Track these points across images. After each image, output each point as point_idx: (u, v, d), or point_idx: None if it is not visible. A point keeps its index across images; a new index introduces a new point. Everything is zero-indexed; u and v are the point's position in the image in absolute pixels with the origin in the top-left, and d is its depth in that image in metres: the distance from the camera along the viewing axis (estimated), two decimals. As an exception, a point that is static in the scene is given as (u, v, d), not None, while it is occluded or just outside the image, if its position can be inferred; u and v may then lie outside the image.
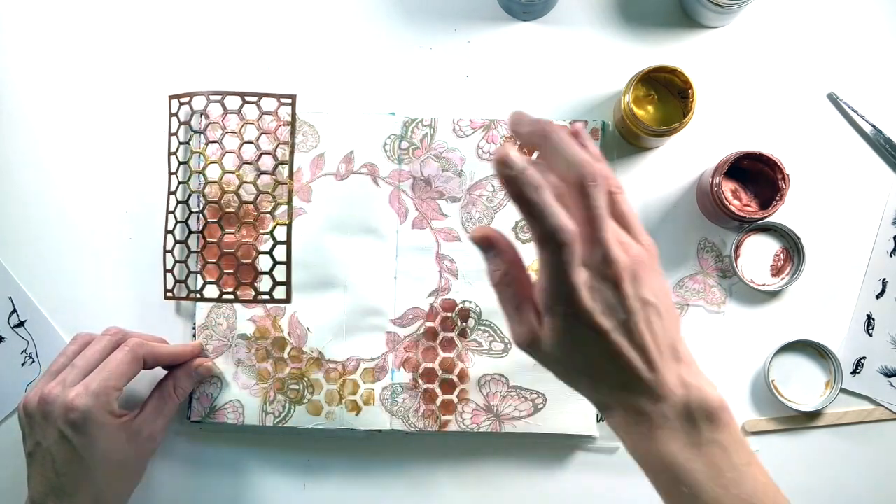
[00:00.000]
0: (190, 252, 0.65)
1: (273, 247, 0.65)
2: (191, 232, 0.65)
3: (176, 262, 0.65)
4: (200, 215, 0.65)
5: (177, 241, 0.66)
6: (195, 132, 0.66)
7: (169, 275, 0.65)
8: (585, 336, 0.44)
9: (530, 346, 0.46)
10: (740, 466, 0.45)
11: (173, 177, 0.66)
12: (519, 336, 0.46)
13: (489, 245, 0.47)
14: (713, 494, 0.44)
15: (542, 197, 0.42)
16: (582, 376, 0.46)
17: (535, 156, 0.47)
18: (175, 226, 0.66)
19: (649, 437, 0.45)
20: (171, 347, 0.63)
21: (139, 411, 0.61)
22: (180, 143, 0.66)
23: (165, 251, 0.65)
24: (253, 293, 0.65)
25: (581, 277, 0.43)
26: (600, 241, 0.43)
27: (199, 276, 0.65)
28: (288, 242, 0.65)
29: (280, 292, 0.65)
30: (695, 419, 0.44)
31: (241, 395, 0.65)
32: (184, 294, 0.65)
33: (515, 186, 0.42)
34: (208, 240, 0.65)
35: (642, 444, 0.45)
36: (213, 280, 0.65)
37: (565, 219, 0.42)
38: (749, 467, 0.45)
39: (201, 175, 0.65)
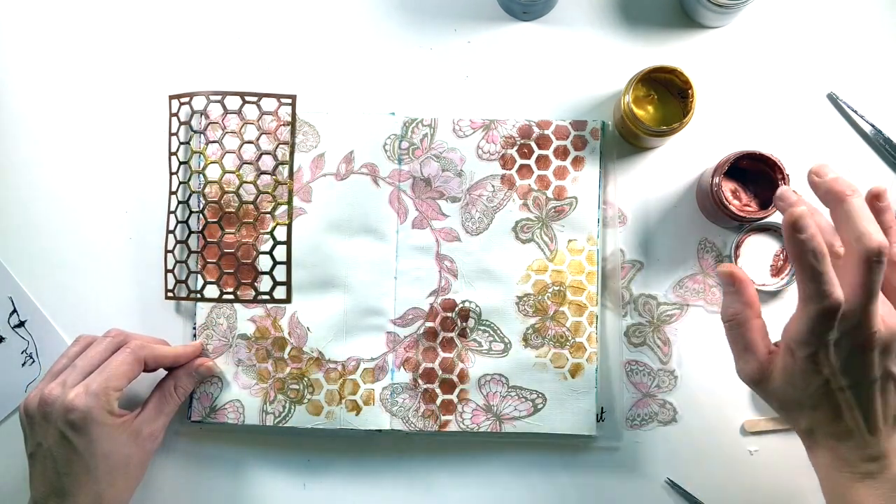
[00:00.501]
0: (190, 252, 0.65)
1: (273, 247, 0.65)
2: (191, 232, 0.65)
3: (177, 262, 0.65)
4: (200, 215, 0.65)
5: (177, 241, 0.66)
6: (195, 132, 0.66)
7: (170, 275, 0.65)
8: (816, 385, 0.48)
9: (757, 383, 0.51)
10: None
11: (174, 177, 0.66)
12: (747, 373, 0.51)
13: (732, 282, 0.51)
14: None
15: (823, 266, 0.45)
16: (803, 412, 0.50)
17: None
18: (176, 226, 0.66)
19: (850, 488, 0.48)
20: (172, 349, 0.63)
21: (140, 411, 0.61)
22: (180, 143, 0.66)
23: (166, 251, 0.65)
24: (253, 293, 0.65)
25: (833, 335, 0.46)
26: (865, 311, 0.46)
27: (199, 276, 0.65)
28: (288, 242, 0.65)
29: (280, 292, 0.65)
30: None
31: (242, 395, 0.65)
32: (184, 294, 0.65)
33: (799, 248, 0.45)
34: (208, 240, 0.65)
35: (840, 490, 0.49)
36: (213, 280, 0.65)
37: (837, 290, 0.45)
38: None
39: (201, 175, 0.65)
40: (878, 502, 0.47)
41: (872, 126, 0.66)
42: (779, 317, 0.65)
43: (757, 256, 0.66)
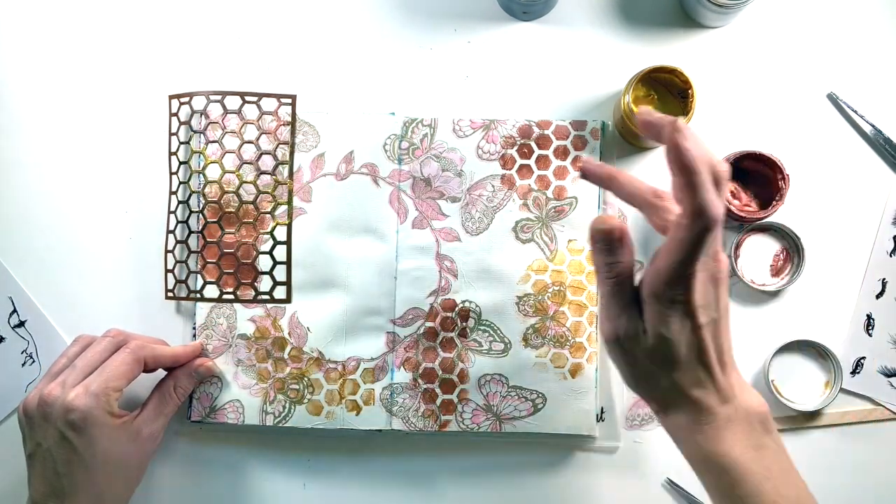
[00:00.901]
0: (190, 252, 0.65)
1: (273, 247, 0.65)
2: (191, 232, 0.65)
3: (176, 262, 0.65)
4: (200, 215, 0.65)
5: (177, 241, 0.66)
6: (195, 132, 0.66)
7: (170, 275, 0.65)
8: (681, 327, 0.46)
9: (631, 340, 0.48)
10: (787, 470, 0.48)
11: (174, 177, 0.66)
12: (625, 330, 0.48)
13: (613, 238, 0.47)
14: (770, 497, 0.47)
15: (705, 172, 0.43)
16: (661, 371, 0.48)
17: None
18: (176, 226, 0.66)
19: (715, 437, 0.48)
20: (171, 349, 0.63)
21: (139, 411, 0.61)
22: (180, 143, 0.66)
23: (167, 251, 0.65)
24: (253, 293, 0.65)
25: (699, 269, 0.45)
26: (717, 239, 0.46)
27: (199, 276, 0.65)
28: (288, 242, 0.65)
29: (280, 292, 0.65)
30: (752, 422, 0.48)
31: (242, 395, 0.65)
32: (184, 294, 0.65)
33: (686, 158, 0.43)
34: (208, 240, 0.65)
35: (706, 445, 0.48)
36: (213, 280, 0.65)
37: (718, 202, 0.43)
38: (790, 473, 0.49)
39: (201, 175, 0.65)
40: (744, 443, 0.47)
41: (872, 126, 0.66)
42: (779, 317, 0.66)
43: (757, 256, 0.66)
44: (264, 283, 0.65)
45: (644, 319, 0.47)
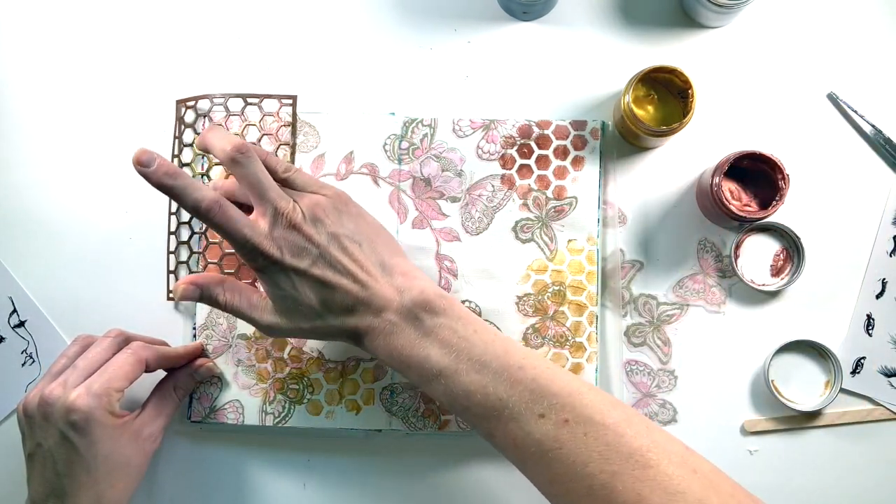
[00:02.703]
0: (192, 253, 0.65)
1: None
2: (193, 233, 0.65)
3: (179, 263, 0.65)
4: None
5: (179, 243, 0.66)
6: (198, 135, 0.66)
7: (171, 276, 0.65)
8: (291, 280, 0.52)
9: (269, 317, 0.54)
10: (468, 336, 0.51)
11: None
12: (263, 320, 0.54)
13: (201, 293, 0.56)
14: (452, 367, 0.50)
15: (179, 180, 0.51)
16: (313, 321, 0.53)
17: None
18: (178, 227, 0.66)
19: (388, 346, 0.52)
20: (173, 350, 0.63)
21: (140, 411, 0.61)
22: (183, 146, 0.66)
23: (168, 252, 0.65)
24: None
25: (258, 230, 0.51)
26: (269, 198, 0.52)
27: None
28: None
29: None
30: (416, 314, 0.52)
31: (241, 395, 0.65)
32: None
33: (153, 180, 0.51)
34: (210, 240, 0.65)
35: (388, 354, 0.52)
36: None
37: (203, 189, 0.51)
38: (477, 334, 0.51)
39: (205, 177, 0.65)
40: (410, 339, 0.51)
41: (872, 126, 0.66)
42: (779, 317, 0.66)
43: (757, 256, 0.66)
44: None
45: (263, 295, 0.54)
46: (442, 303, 0.52)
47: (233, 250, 0.65)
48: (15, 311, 0.67)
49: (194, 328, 0.65)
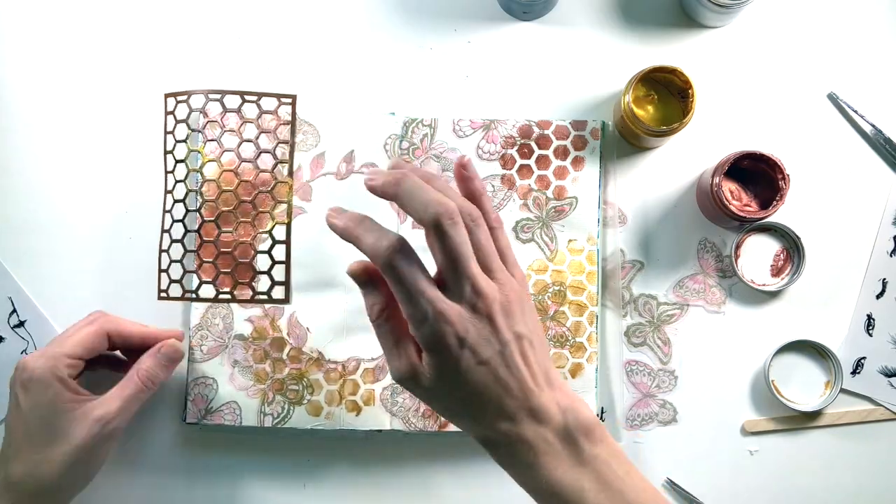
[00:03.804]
0: (186, 251, 0.65)
1: (272, 246, 0.65)
2: (187, 231, 0.65)
3: (172, 261, 0.65)
4: (197, 214, 0.65)
5: (173, 241, 0.65)
6: (193, 130, 0.65)
7: (164, 274, 0.65)
8: (461, 366, 0.45)
9: (411, 380, 0.46)
10: (622, 476, 0.46)
11: (170, 175, 0.65)
12: (399, 371, 0.46)
13: (367, 279, 0.47)
14: None
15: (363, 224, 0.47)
16: (465, 411, 0.47)
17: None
18: (172, 225, 0.65)
19: (536, 464, 0.45)
20: (139, 326, 0.61)
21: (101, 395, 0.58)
22: (177, 142, 0.65)
23: (161, 250, 0.65)
24: (250, 293, 0.65)
25: (451, 308, 0.44)
26: (467, 275, 0.44)
27: (194, 275, 0.65)
28: (287, 242, 0.65)
29: (279, 292, 0.65)
30: (574, 438, 0.46)
31: (238, 397, 0.64)
32: (178, 294, 0.65)
33: (347, 237, 0.47)
34: (205, 238, 0.65)
35: (531, 474, 0.46)
36: (209, 280, 0.64)
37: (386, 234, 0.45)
38: (629, 476, 0.47)
39: (199, 173, 0.65)
40: (568, 462, 0.45)
41: (872, 126, 0.66)
42: (779, 317, 0.66)
43: (757, 256, 0.66)
44: (262, 283, 0.65)
45: (421, 358, 0.46)
46: (600, 431, 0.47)
47: (229, 249, 0.64)
48: (15, 311, 0.66)
49: (190, 329, 0.65)
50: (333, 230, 0.48)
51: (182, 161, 0.65)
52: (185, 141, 0.65)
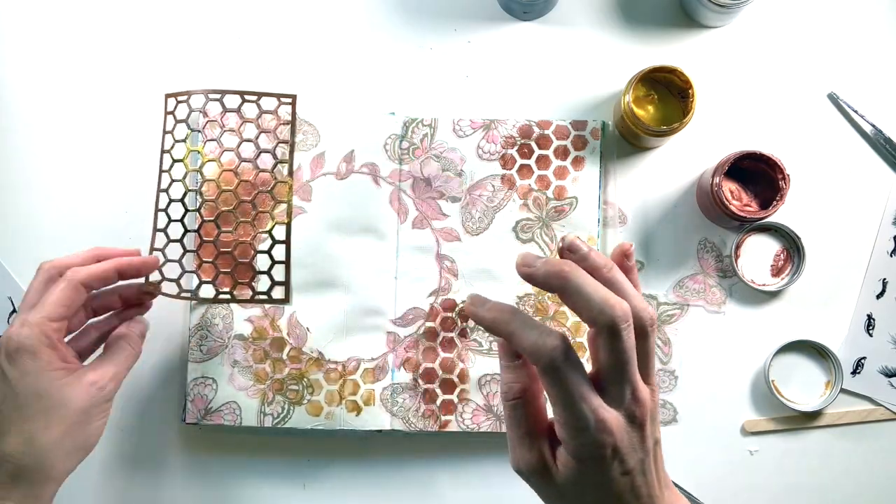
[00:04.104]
0: (186, 251, 0.65)
1: (272, 246, 0.65)
2: (187, 230, 0.65)
3: (167, 260, 0.64)
4: (197, 213, 0.65)
5: (170, 241, 0.64)
6: (192, 130, 0.65)
7: (157, 272, 0.63)
8: (605, 472, 0.41)
9: (537, 474, 0.43)
10: None
11: (166, 175, 0.65)
12: (526, 463, 0.43)
13: (515, 354, 0.44)
14: None
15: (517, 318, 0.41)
16: None
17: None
18: (168, 224, 0.65)
19: None
20: (112, 262, 0.57)
21: (89, 362, 0.56)
22: (176, 141, 0.65)
23: (152, 249, 0.64)
24: (250, 293, 0.64)
25: (612, 418, 0.41)
26: (630, 382, 0.41)
27: (194, 275, 0.64)
28: (287, 241, 0.65)
29: (279, 292, 0.65)
30: None
31: (238, 397, 0.64)
32: (174, 292, 0.64)
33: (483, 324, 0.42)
34: (204, 238, 0.65)
35: None
36: (209, 280, 0.64)
37: (544, 338, 0.40)
38: None
39: (198, 173, 0.65)
40: None
41: (872, 126, 0.66)
42: (779, 317, 0.66)
43: (757, 256, 0.66)
44: (262, 283, 0.65)
45: (556, 455, 0.42)
46: None
47: (229, 249, 0.64)
48: (15, 311, 0.66)
49: (189, 328, 0.65)
50: (478, 322, 0.43)
51: (180, 160, 0.65)
52: (184, 140, 0.65)
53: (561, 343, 0.40)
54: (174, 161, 0.65)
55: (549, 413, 0.43)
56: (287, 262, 0.65)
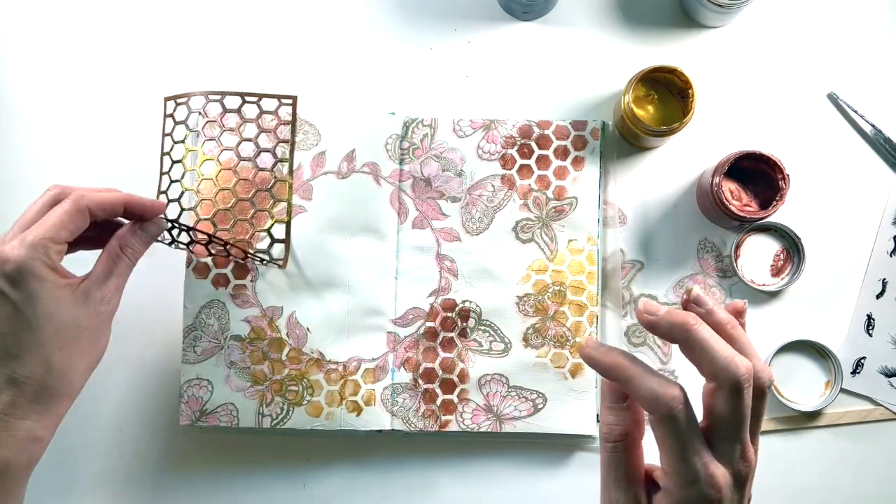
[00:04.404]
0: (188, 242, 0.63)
1: (271, 244, 0.64)
2: (183, 229, 0.64)
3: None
4: (193, 212, 0.64)
5: (174, 241, 0.64)
6: (191, 131, 0.65)
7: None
8: None
9: None
10: None
11: (166, 177, 0.65)
12: None
13: (621, 395, 0.43)
14: None
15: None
16: None
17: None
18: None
19: None
20: (120, 194, 0.55)
21: (88, 274, 0.55)
22: (175, 143, 0.65)
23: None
24: (244, 254, 0.62)
25: (721, 474, 0.41)
26: (742, 441, 0.41)
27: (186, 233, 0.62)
28: (287, 242, 0.65)
29: (278, 250, 0.63)
30: None
31: (235, 398, 0.64)
32: (168, 241, 0.61)
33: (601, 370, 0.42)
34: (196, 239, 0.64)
35: None
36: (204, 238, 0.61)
37: (665, 388, 0.40)
38: None
39: (195, 172, 0.65)
40: None
41: (872, 126, 0.66)
42: (779, 317, 0.66)
43: (757, 256, 0.66)
44: (262, 243, 0.63)
45: (652, 502, 0.42)
46: None
47: (228, 251, 0.64)
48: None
49: (183, 329, 0.64)
50: (593, 365, 0.43)
51: (179, 161, 0.64)
52: (182, 142, 0.65)
53: (681, 394, 0.40)
54: (173, 162, 0.64)
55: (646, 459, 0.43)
56: (287, 243, 0.64)
